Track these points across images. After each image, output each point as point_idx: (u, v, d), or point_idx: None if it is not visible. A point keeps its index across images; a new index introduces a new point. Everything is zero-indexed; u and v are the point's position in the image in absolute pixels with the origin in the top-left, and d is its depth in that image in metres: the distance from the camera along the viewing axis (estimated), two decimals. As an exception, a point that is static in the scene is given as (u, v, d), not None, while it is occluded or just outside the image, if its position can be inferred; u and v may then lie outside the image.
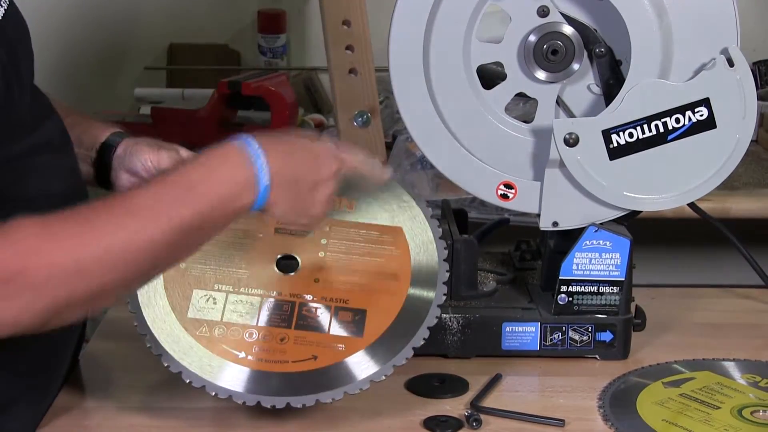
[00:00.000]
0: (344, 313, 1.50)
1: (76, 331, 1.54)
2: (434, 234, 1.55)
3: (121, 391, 1.57)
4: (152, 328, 1.46)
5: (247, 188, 1.32)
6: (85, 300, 1.23)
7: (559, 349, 1.66)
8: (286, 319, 1.49)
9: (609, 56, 1.63)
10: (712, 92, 1.58)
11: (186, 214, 1.27)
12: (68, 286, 1.20)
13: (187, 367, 1.45)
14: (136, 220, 1.24)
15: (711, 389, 1.56)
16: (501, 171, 1.65)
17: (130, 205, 1.26)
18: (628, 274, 1.65)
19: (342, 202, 1.56)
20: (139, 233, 1.24)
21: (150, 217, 1.25)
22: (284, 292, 1.51)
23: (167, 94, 2.85)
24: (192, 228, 1.28)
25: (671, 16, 1.57)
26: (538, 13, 1.62)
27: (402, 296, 1.51)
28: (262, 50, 2.98)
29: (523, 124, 1.66)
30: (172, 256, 1.30)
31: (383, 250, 1.54)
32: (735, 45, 1.57)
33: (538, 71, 1.64)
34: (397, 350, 1.47)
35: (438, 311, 1.51)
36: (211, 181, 1.30)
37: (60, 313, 1.22)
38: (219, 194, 1.30)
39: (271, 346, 1.47)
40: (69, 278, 1.20)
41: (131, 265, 1.24)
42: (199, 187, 1.29)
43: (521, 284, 1.76)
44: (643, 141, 1.59)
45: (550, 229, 1.66)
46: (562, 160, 1.60)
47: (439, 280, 1.53)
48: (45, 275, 1.19)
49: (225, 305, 1.49)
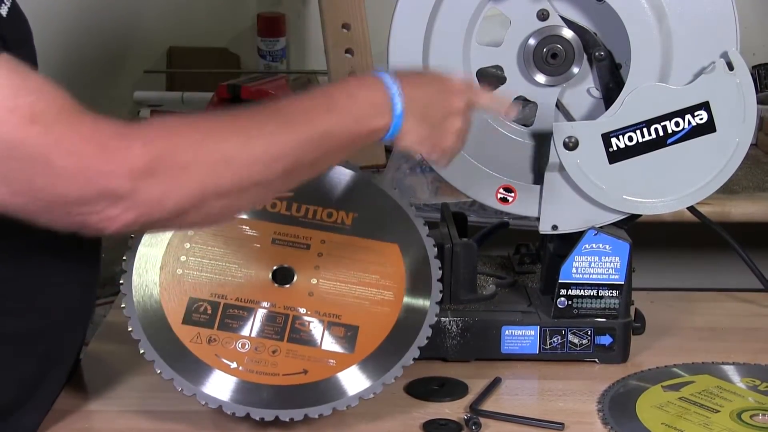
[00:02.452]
0: (337, 328, 1.50)
1: (79, 332, 1.53)
2: (429, 253, 1.55)
3: (120, 394, 1.57)
4: (146, 334, 1.46)
5: (383, 111, 1.35)
6: (228, 192, 1.23)
7: (558, 352, 1.66)
8: (279, 331, 1.49)
9: (609, 60, 1.63)
10: (712, 96, 1.58)
11: (329, 123, 1.31)
12: (214, 174, 1.22)
13: (179, 375, 1.45)
14: (282, 121, 1.28)
15: (710, 393, 1.56)
16: (500, 175, 1.65)
17: (277, 109, 1.30)
18: (627, 278, 1.65)
19: (340, 216, 1.56)
20: (285, 134, 1.27)
21: (296, 121, 1.28)
22: (278, 303, 1.51)
23: (167, 98, 2.85)
24: (332, 138, 1.31)
25: (671, 20, 1.58)
26: (538, 17, 1.62)
27: (394, 314, 1.51)
28: (261, 53, 2.99)
29: (523, 128, 1.66)
30: (312, 163, 1.32)
31: (378, 267, 1.53)
32: (735, 49, 1.58)
33: (538, 75, 1.64)
34: (387, 368, 1.47)
35: (429, 331, 1.51)
36: (350, 100, 1.34)
37: (204, 202, 1.22)
38: (358, 112, 1.34)
39: (262, 358, 1.47)
40: (215, 165, 1.22)
41: (274, 164, 1.26)
42: (340, 103, 1.33)
43: (521, 288, 1.76)
44: (643, 144, 1.59)
45: (550, 232, 1.66)
46: (562, 163, 1.60)
47: (432, 300, 1.52)
48: (191, 157, 1.20)
49: (219, 314, 1.49)
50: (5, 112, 1.14)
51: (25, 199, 1.17)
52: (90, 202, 1.17)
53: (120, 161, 1.16)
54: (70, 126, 1.16)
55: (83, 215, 1.18)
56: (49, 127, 1.15)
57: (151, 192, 1.18)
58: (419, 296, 1.52)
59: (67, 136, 1.15)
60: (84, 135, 1.16)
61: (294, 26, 3.03)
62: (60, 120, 1.16)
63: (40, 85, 1.17)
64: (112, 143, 1.17)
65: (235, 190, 1.24)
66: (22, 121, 1.14)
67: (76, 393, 1.56)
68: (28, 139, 1.14)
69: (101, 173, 1.16)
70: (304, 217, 1.56)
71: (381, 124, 1.36)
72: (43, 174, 1.15)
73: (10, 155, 1.15)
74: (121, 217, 1.19)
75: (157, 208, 1.20)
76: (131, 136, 1.18)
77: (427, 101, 1.40)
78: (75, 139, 1.16)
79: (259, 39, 2.98)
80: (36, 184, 1.16)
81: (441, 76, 1.46)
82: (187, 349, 1.46)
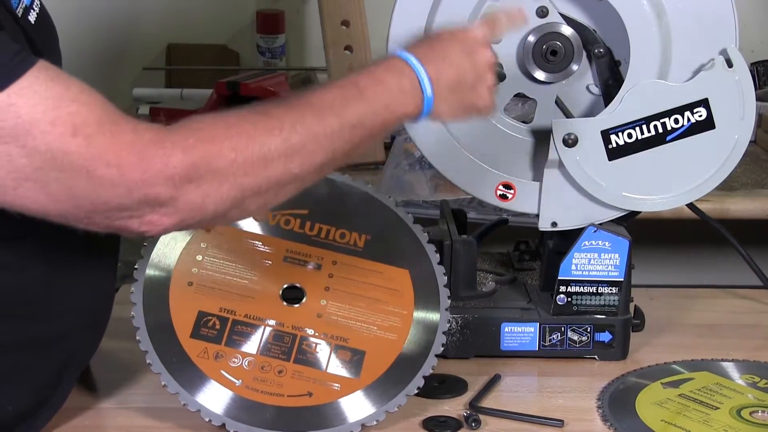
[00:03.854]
0: (343, 351, 1.49)
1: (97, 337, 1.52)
2: (439, 281, 1.54)
3: (129, 391, 1.57)
4: (154, 346, 1.46)
5: (413, 97, 1.35)
6: (268, 188, 1.24)
7: (558, 349, 1.66)
8: (286, 351, 1.48)
9: (608, 57, 1.63)
10: (711, 93, 1.58)
11: (360, 111, 1.30)
12: (253, 174, 1.22)
13: (184, 389, 1.44)
14: (315, 115, 1.27)
15: (710, 390, 1.56)
16: (500, 171, 1.66)
17: (309, 102, 1.29)
18: (627, 275, 1.65)
19: (353, 237, 1.56)
20: (319, 125, 1.27)
21: (328, 111, 1.28)
22: (286, 323, 1.50)
23: (166, 94, 2.85)
24: (364, 126, 1.31)
25: (670, 17, 1.58)
26: (537, 14, 1.62)
27: (401, 341, 1.50)
28: (260, 50, 2.98)
29: (522, 125, 1.66)
30: (346, 153, 1.31)
31: (387, 293, 1.53)
32: (734, 46, 1.58)
33: (537, 72, 1.64)
34: (391, 395, 1.46)
35: (435, 360, 1.50)
36: (378, 87, 1.33)
37: (244, 201, 1.23)
38: (388, 99, 1.33)
39: (268, 377, 1.46)
40: (253, 165, 1.22)
41: (311, 158, 1.26)
42: (369, 91, 1.32)
43: (520, 285, 1.76)
44: (642, 141, 1.60)
45: (549, 229, 1.66)
46: (561, 160, 1.60)
47: (440, 330, 1.51)
48: (230, 160, 1.20)
49: (227, 330, 1.48)
50: (47, 124, 1.14)
51: (67, 206, 1.18)
52: (131, 209, 1.18)
53: (160, 169, 1.17)
54: (111, 136, 1.16)
55: (124, 220, 1.19)
56: (90, 138, 1.15)
57: (192, 197, 1.19)
58: (427, 324, 1.52)
59: (108, 146, 1.16)
60: (124, 144, 1.16)
61: (293, 23, 3.03)
62: (101, 130, 1.16)
63: (80, 93, 1.17)
64: (151, 151, 1.17)
65: (273, 187, 1.25)
66: (63, 133, 1.15)
67: (86, 390, 1.56)
68: (70, 150, 1.15)
69: (142, 182, 1.16)
70: (317, 237, 1.55)
71: (411, 110, 1.35)
72: (84, 183, 1.16)
73: (51, 166, 1.15)
74: (162, 221, 1.20)
75: (199, 212, 1.21)
76: (170, 142, 1.18)
77: (455, 71, 1.38)
78: (116, 149, 1.16)
79: (258, 36, 2.98)
80: (77, 193, 1.17)
81: (459, 39, 1.42)
82: (193, 363, 1.46)
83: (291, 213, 1.55)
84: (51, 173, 1.15)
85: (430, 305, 1.53)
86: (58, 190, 1.17)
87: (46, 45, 1.37)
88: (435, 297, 1.53)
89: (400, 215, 1.58)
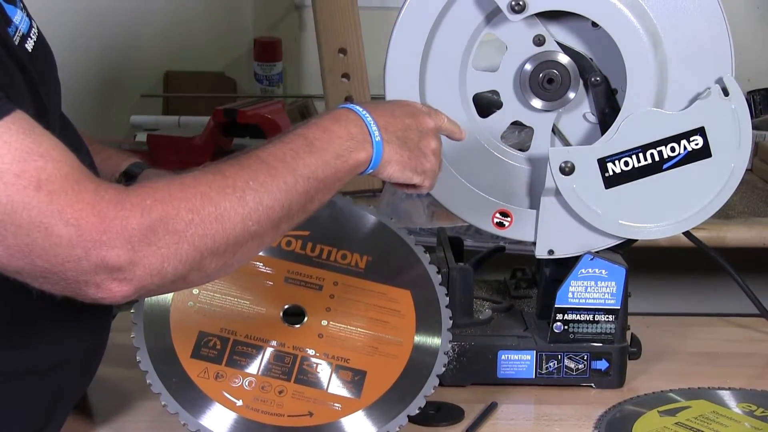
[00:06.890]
0: (344, 372, 1.49)
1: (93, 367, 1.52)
2: (441, 303, 1.55)
3: (127, 418, 1.56)
4: (154, 366, 1.45)
5: (362, 141, 1.36)
6: (226, 248, 1.24)
7: (554, 377, 1.66)
8: (287, 371, 1.48)
9: (604, 85, 1.63)
10: (708, 121, 1.58)
11: (312, 164, 1.31)
12: (209, 233, 1.21)
13: (184, 409, 1.44)
14: (267, 170, 1.28)
15: (707, 418, 1.56)
16: (497, 199, 1.66)
17: (260, 159, 1.29)
18: (623, 303, 1.65)
19: (354, 258, 1.56)
20: (272, 182, 1.27)
21: (280, 166, 1.29)
22: (287, 343, 1.50)
23: (163, 122, 2.85)
24: (318, 178, 1.31)
25: (666, 46, 1.58)
26: (534, 42, 1.62)
27: (402, 362, 1.50)
28: (258, 78, 2.99)
29: (519, 153, 1.66)
30: (302, 205, 1.31)
31: (389, 314, 1.53)
32: (730, 74, 1.58)
33: (534, 100, 1.64)
34: (391, 416, 1.46)
35: (436, 381, 1.50)
36: (327, 136, 1.34)
37: (202, 262, 1.22)
38: (338, 147, 1.34)
39: (269, 398, 1.46)
40: (209, 225, 1.22)
41: (266, 216, 1.26)
42: (318, 142, 1.33)
43: (517, 312, 1.76)
44: (639, 170, 1.60)
45: (546, 257, 1.66)
46: (558, 188, 1.60)
47: (441, 350, 1.52)
48: (186, 221, 1.20)
49: (228, 350, 1.48)
50: (12, 176, 1.13)
51: (22, 263, 1.17)
52: (88, 272, 1.17)
53: (119, 231, 1.16)
54: (73, 194, 1.15)
55: (80, 285, 1.18)
56: (52, 194, 1.14)
57: (150, 261, 1.18)
58: (429, 345, 1.51)
59: (69, 205, 1.15)
60: (85, 204, 1.16)
61: (290, 51, 3.04)
62: (65, 188, 1.15)
63: (51, 149, 1.16)
64: (111, 212, 1.16)
65: (231, 247, 1.24)
66: (27, 187, 1.14)
67: (82, 418, 1.56)
68: (31, 205, 1.14)
69: (100, 242, 1.15)
70: (318, 257, 1.56)
71: (362, 156, 1.36)
72: (41, 240, 1.15)
73: (10, 220, 1.14)
74: (121, 288, 1.18)
75: (158, 276, 1.20)
76: (129, 203, 1.18)
77: (401, 125, 1.41)
78: (76, 208, 1.15)
79: (255, 63, 2.99)
80: (34, 250, 1.15)
81: (404, 102, 1.47)
82: (194, 383, 1.45)
83: (292, 234, 1.55)
84: (9, 227, 1.14)
85: (432, 326, 1.53)
86: (15, 244, 1.15)
87: (44, 73, 1.37)
88: (437, 317, 1.53)
89: (402, 236, 1.58)
